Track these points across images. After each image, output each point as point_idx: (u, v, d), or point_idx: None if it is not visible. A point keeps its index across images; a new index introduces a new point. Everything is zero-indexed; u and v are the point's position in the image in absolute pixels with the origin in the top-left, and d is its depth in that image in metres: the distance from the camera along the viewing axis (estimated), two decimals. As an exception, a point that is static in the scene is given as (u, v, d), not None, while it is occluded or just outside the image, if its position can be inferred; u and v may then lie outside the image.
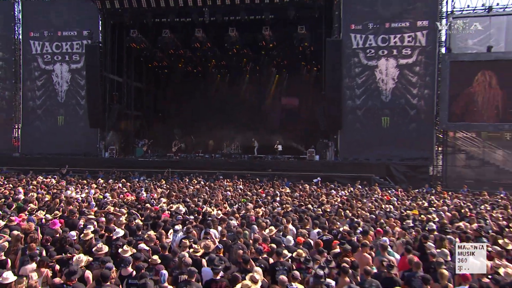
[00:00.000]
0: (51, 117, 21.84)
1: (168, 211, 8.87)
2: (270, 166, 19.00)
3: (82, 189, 12.71)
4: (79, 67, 21.45)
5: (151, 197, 11.17)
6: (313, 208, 9.61)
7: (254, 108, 25.21)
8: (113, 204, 9.54)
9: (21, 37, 22.42)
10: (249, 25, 19.95)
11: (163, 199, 10.48)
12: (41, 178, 15.18)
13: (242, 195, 12.07)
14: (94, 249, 5.86)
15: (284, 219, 7.96)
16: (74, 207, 8.92)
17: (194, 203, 9.77)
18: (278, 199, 11.27)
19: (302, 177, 16.71)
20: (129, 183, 14.60)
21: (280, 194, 12.20)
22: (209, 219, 7.88)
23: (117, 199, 10.54)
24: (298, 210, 9.41)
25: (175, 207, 9.06)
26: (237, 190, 13.29)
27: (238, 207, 9.72)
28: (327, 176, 16.96)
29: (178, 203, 9.65)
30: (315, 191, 13.40)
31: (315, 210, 9.40)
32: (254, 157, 21.01)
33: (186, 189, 13.03)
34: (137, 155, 21.64)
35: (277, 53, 22.91)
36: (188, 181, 15.62)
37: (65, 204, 9.30)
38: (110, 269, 5.04)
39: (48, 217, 7.79)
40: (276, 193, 12.50)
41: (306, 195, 12.58)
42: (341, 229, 7.38)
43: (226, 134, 22.62)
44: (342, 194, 13.01)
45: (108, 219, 7.58)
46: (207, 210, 8.93)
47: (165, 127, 25.71)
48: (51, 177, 15.87)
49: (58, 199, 9.86)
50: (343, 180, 16.49)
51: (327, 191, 13.37)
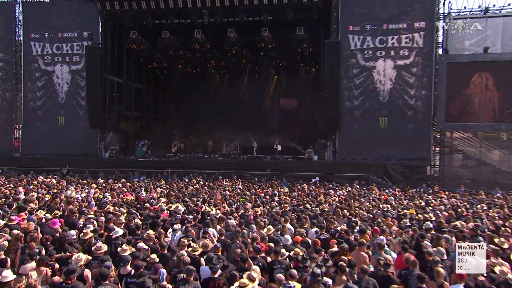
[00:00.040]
0: (51, 117, 21.92)
1: (167, 210, 8.89)
2: (269, 166, 19.07)
3: (82, 189, 12.75)
4: (80, 68, 21.54)
5: (150, 196, 11.21)
6: (311, 208, 9.65)
7: (253, 109, 25.28)
8: (112, 203, 9.56)
9: (21, 38, 22.52)
10: (248, 26, 20.07)
11: (163, 199, 10.51)
12: (42, 178, 15.21)
13: (241, 194, 12.12)
14: (93, 248, 5.87)
15: (282, 218, 7.98)
16: (74, 206, 8.97)
17: (193, 203, 9.81)
18: (276, 198, 11.29)
19: (300, 177, 16.77)
20: (129, 183, 14.66)
21: (278, 194, 12.23)
22: (208, 218, 7.91)
23: (116, 199, 10.58)
24: (297, 209, 9.43)
25: (174, 206, 9.08)
26: (236, 190, 13.34)
27: (236, 206, 9.77)
28: (326, 176, 17.06)
29: (177, 202, 9.68)
30: (313, 191, 13.46)
31: (313, 209, 9.45)
32: (253, 157, 21.09)
33: (186, 189, 13.06)
34: (137, 156, 21.69)
35: (275, 54, 23.02)
36: (188, 181, 15.66)
37: (65, 203, 9.34)
38: (109, 267, 5.03)
39: (48, 216, 7.84)
40: (274, 192, 12.53)
41: (305, 194, 12.65)
42: (338, 228, 7.43)
43: (225, 134, 22.70)
44: (340, 193, 13.04)
45: (108, 218, 7.60)
46: (206, 210, 8.96)
47: (165, 127, 25.78)
48: (51, 177, 15.92)
49: (58, 198, 9.92)
50: (341, 180, 16.58)
51: (325, 191, 13.41)
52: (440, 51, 18.50)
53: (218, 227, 7.51)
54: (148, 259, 5.55)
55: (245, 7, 19.20)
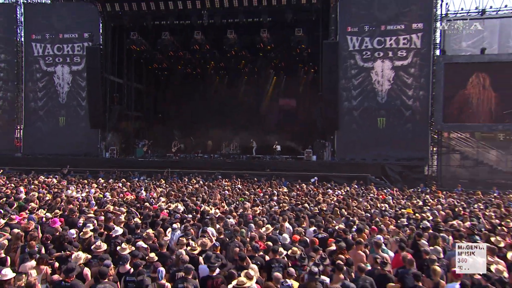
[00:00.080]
0: (52, 118, 21.98)
1: (167, 210, 8.95)
2: (268, 166, 19.12)
3: (82, 188, 12.80)
4: (80, 68, 21.59)
5: (150, 196, 11.27)
6: (309, 207, 9.72)
7: (252, 109, 25.34)
8: (112, 203, 9.61)
9: (23, 39, 22.59)
10: (247, 27, 20.16)
11: (162, 198, 10.57)
12: (43, 178, 15.24)
13: (240, 194, 12.18)
14: (93, 246, 5.90)
15: (280, 218, 8.01)
16: (75, 206, 9.01)
17: (192, 202, 9.86)
18: (275, 198, 11.32)
19: (299, 176, 16.82)
20: (129, 182, 14.72)
21: (277, 194, 12.27)
22: (207, 217, 7.95)
23: (116, 198, 10.62)
24: (295, 209, 9.49)
25: (173, 206, 9.14)
26: (235, 190, 13.39)
27: (235, 206, 9.82)
28: (324, 176, 17.12)
29: (177, 202, 9.74)
30: (312, 191, 13.50)
31: (312, 209, 9.51)
32: (253, 157, 21.16)
33: (185, 189, 13.11)
34: (137, 156, 21.75)
35: (274, 55, 23.10)
36: (187, 181, 15.71)
37: (65, 203, 9.40)
38: (108, 266, 5.06)
39: (48, 215, 7.88)
40: (273, 192, 12.57)
41: (303, 194, 12.70)
42: (336, 227, 7.47)
43: (224, 134, 22.76)
44: (338, 193, 13.09)
45: (108, 217, 7.66)
46: (205, 209, 9.01)
47: (165, 128, 25.83)
48: (52, 177, 15.96)
49: (59, 198, 9.97)
50: (339, 180, 16.64)
51: (323, 191, 13.46)
52: (438, 52, 18.57)
53: (217, 226, 7.54)
54: (147, 257, 5.60)
55: (244, 8, 19.27)
